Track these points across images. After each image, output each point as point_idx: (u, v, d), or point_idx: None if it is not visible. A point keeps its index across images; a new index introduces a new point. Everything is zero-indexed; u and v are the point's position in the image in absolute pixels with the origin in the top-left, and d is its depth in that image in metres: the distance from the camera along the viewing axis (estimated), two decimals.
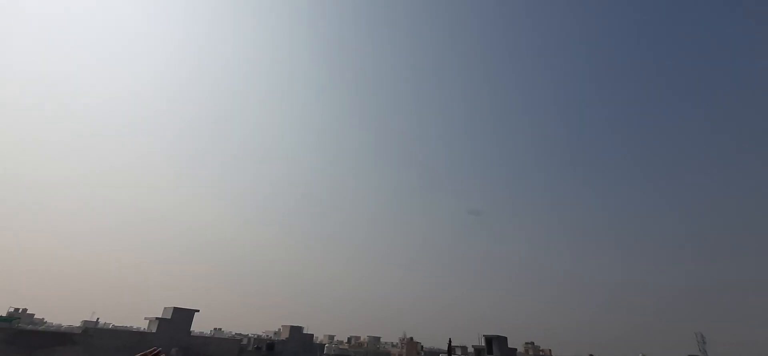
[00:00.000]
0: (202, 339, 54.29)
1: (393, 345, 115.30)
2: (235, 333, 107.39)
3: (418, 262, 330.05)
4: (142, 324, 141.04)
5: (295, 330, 71.13)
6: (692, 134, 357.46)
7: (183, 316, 49.11)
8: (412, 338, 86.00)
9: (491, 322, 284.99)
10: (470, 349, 67.39)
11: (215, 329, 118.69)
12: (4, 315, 53.02)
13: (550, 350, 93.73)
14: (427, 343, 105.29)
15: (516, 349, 63.69)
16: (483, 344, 58.79)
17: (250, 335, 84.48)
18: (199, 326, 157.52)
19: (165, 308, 49.81)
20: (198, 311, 51.31)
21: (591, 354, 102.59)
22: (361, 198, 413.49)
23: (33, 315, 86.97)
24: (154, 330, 47.06)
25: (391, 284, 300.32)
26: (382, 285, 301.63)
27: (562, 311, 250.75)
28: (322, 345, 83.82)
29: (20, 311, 76.21)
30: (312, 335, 75.52)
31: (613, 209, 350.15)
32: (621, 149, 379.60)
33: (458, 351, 69.20)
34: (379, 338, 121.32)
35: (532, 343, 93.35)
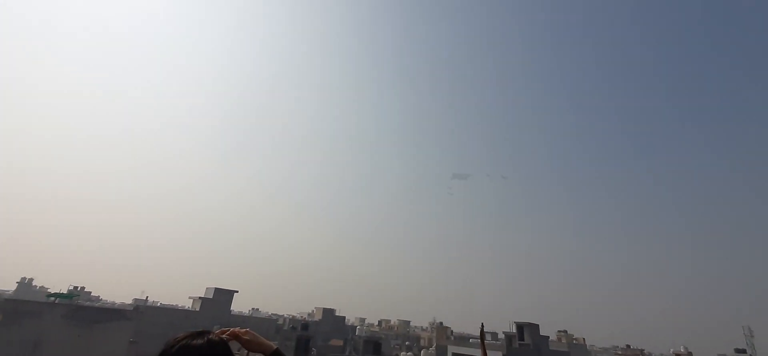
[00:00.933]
0: (241, 319, 57.16)
1: (423, 329, 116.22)
2: (272, 314, 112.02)
3: (450, 249, 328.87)
4: (186, 303, 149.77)
5: (328, 312, 73.25)
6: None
7: (223, 296, 51.73)
8: (441, 322, 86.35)
9: (523, 310, 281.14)
10: (501, 336, 66.74)
11: (253, 309, 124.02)
12: (65, 291, 58.13)
13: (584, 338, 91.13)
14: (458, 329, 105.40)
15: (548, 337, 62.17)
16: (514, 331, 57.99)
17: (285, 315, 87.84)
18: (238, 306, 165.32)
19: (207, 288, 52.51)
20: (237, 291, 53.64)
21: (628, 345, 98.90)
22: (395, 185, 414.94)
23: (90, 292, 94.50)
24: (197, 309, 49.99)
25: (422, 269, 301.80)
26: (414, 270, 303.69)
27: (600, 300, 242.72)
28: (353, 327, 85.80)
29: (79, 288, 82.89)
30: (344, 317, 77.47)
31: (658, 195, 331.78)
32: (671, 136, 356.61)
33: (489, 338, 68.77)
34: (409, 322, 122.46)
35: (566, 331, 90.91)
